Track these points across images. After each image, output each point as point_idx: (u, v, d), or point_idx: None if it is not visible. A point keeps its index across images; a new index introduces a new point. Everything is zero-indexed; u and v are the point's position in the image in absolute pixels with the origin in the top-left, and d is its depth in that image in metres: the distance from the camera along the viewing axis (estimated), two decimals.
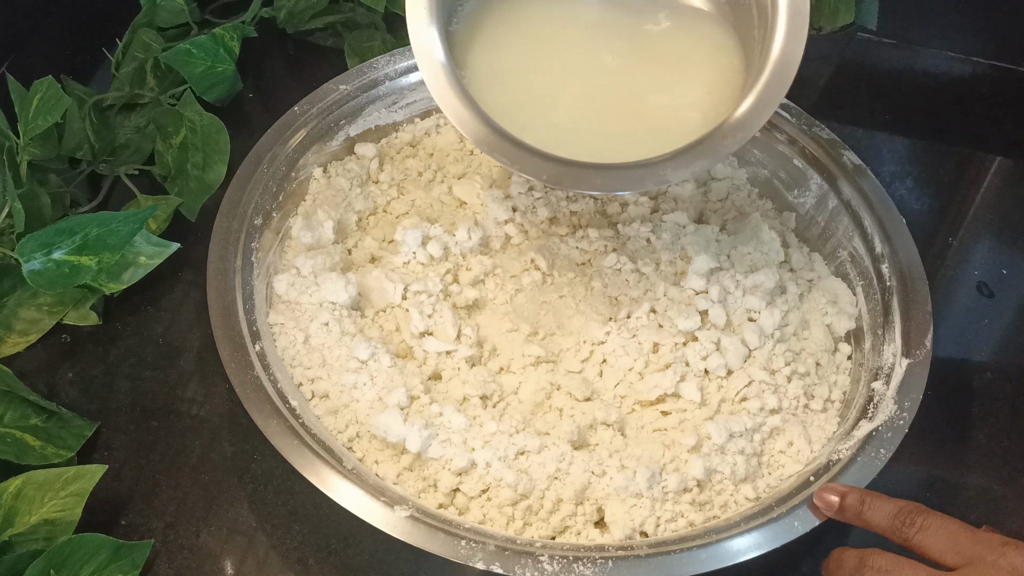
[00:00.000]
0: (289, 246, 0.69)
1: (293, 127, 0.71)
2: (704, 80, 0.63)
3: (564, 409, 0.64)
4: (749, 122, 0.58)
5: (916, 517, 0.49)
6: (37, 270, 0.59)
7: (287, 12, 0.85)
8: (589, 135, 0.61)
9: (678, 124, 0.61)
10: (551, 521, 0.58)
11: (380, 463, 0.60)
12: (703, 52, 0.64)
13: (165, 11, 0.83)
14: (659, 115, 0.62)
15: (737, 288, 0.68)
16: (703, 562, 0.54)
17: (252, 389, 0.59)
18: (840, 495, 0.53)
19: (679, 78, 0.63)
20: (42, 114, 0.67)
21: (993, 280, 0.77)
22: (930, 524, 0.49)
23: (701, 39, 0.64)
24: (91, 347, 0.68)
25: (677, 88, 0.63)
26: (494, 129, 0.58)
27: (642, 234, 0.72)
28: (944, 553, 0.48)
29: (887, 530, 0.50)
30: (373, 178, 0.75)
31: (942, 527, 0.49)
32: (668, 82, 0.63)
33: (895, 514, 0.50)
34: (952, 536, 0.48)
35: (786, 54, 0.59)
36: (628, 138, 0.61)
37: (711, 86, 0.62)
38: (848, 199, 0.71)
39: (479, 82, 0.61)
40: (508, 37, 0.64)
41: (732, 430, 0.61)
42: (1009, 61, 0.92)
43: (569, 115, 0.62)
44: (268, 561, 0.60)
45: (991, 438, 0.69)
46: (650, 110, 0.62)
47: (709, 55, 0.63)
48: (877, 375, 0.64)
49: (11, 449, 0.60)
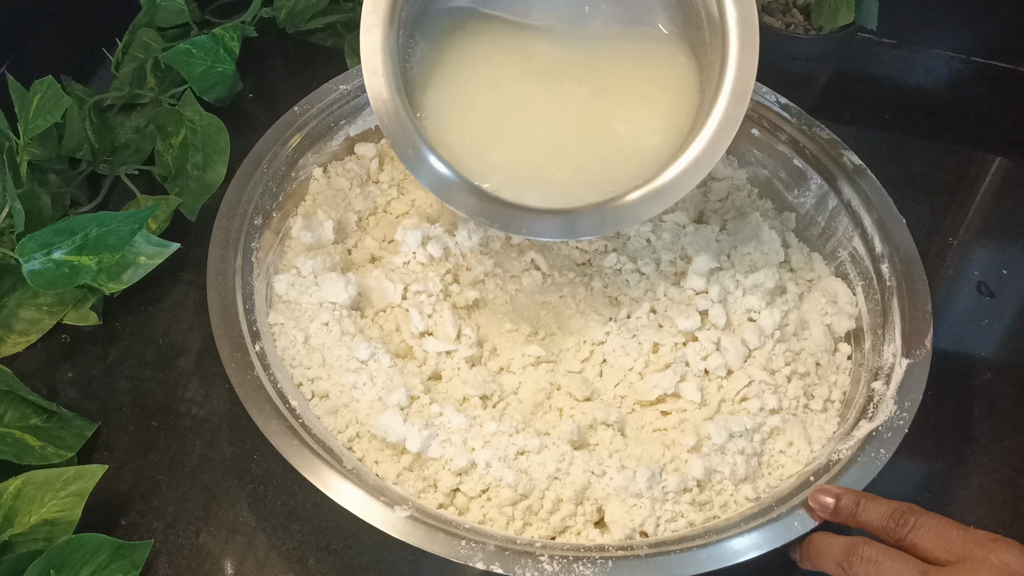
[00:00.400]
0: (289, 246, 0.69)
1: (293, 127, 0.71)
2: (664, 106, 0.63)
3: (564, 409, 0.64)
4: (715, 145, 0.59)
5: (909, 517, 0.50)
6: (37, 270, 0.59)
7: (287, 12, 0.85)
8: (552, 170, 0.62)
9: (640, 152, 0.62)
10: (551, 521, 0.58)
11: (380, 463, 0.60)
12: (661, 77, 0.64)
13: (165, 11, 0.83)
14: (622, 144, 0.62)
15: (737, 288, 0.68)
16: (703, 562, 0.54)
17: (252, 389, 0.59)
18: (835, 497, 0.54)
19: (639, 106, 0.63)
20: (42, 114, 0.67)
21: (993, 280, 0.77)
22: (922, 523, 0.49)
23: (659, 64, 0.64)
24: (91, 347, 0.68)
25: (638, 117, 0.63)
26: (446, 177, 0.59)
27: (642, 234, 0.72)
28: (935, 550, 0.48)
29: (881, 530, 0.51)
30: (373, 178, 0.75)
31: (934, 525, 0.49)
32: (628, 111, 0.63)
33: (889, 515, 0.51)
34: (943, 534, 0.49)
35: (742, 68, 0.59)
36: (593, 169, 0.62)
37: (671, 110, 0.63)
38: (848, 199, 0.71)
39: (436, 124, 0.62)
40: (463, 77, 0.64)
41: (732, 430, 0.61)
42: (1009, 61, 0.92)
43: (530, 151, 0.62)
44: (268, 561, 0.60)
45: (991, 438, 0.69)
46: (613, 140, 0.63)
47: (667, 79, 0.64)
48: (877, 375, 0.64)
49: (11, 449, 0.60)
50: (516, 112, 0.63)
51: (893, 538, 0.50)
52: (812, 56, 0.86)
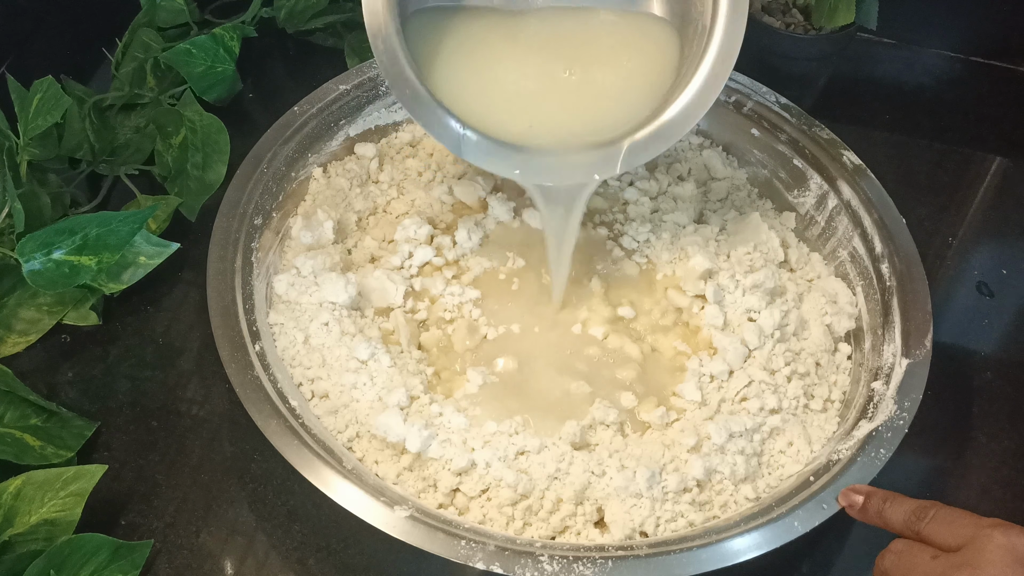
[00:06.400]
0: (289, 246, 0.69)
1: (293, 127, 0.71)
2: (643, 58, 0.65)
3: (564, 406, 0.64)
4: (702, 99, 0.60)
5: (928, 511, 0.51)
6: (37, 270, 0.59)
7: (287, 12, 0.85)
8: (567, 123, 0.63)
9: (633, 103, 0.63)
10: (551, 521, 0.58)
11: (380, 463, 0.60)
12: (641, 37, 0.66)
13: (165, 11, 0.83)
14: (609, 95, 0.63)
15: (737, 288, 0.68)
16: (703, 562, 0.54)
17: (252, 389, 0.59)
18: (865, 495, 0.55)
19: (622, 57, 0.65)
20: (42, 114, 0.67)
21: (993, 280, 0.77)
22: (936, 515, 0.51)
23: (640, 28, 0.66)
24: (91, 347, 0.68)
25: (621, 66, 0.64)
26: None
27: (642, 234, 0.72)
28: (947, 538, 0.50)
29: (901, 526, 0.52)
30: (373, 178, 0.75)
31: (946, 516, 0.51)
32: (612, 62, 0.64)
33: (911, 511, 0.52)
34: (953, 521, 0.50)
35: (728, 35, 0.60)
36: (587, 121, 0.63)
37: (651, 64, 0.64)
38: (848, 199, 0.71)
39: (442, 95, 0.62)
40: (463, 59, 0.64)
41: (732, 430, 0.61)
42: (1009, 61, 0.92)
43: (538, 112, 0.63)
44: (268, 561, 0.60)
45: (991, 438, 0.69)
46: (602, 91, 0.64)
47: (647, 38, 0.65)
48: (877, 375, 0.64)
49: (11, 449, 0.60)
50: (519, 81, 0.64)
51: (912, 532, 0.52)
52: (812, 56, 0.86)
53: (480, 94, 0.63)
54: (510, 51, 0.64)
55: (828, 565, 0.63)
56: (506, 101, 0.63)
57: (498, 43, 0.65)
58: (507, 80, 0.64)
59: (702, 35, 0.60)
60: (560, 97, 0.63)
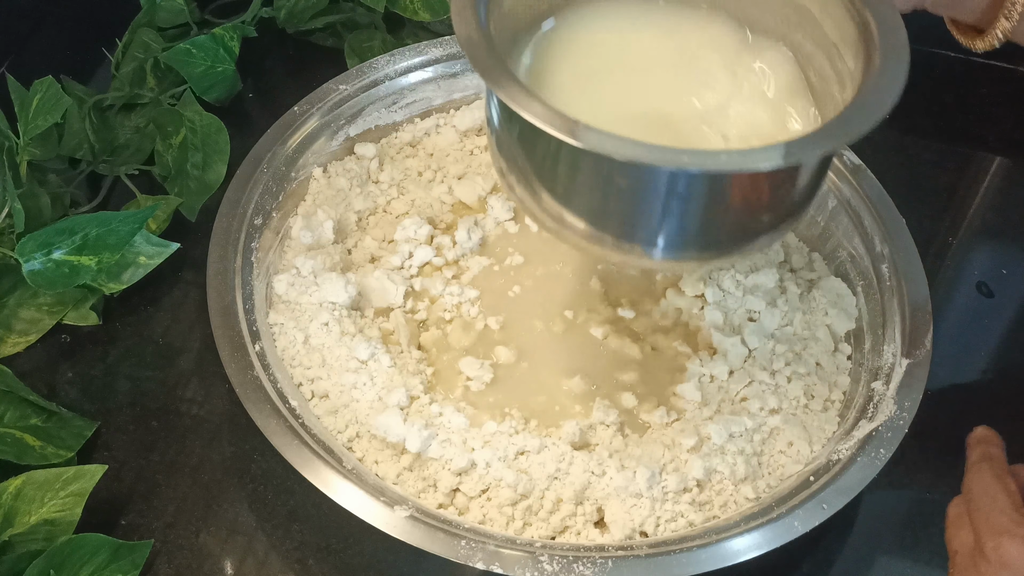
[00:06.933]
0: (289, 246, 0.69)
1: (293, 127, 0.71)
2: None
3: (564, 406, 0.64)
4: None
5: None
6: (37, 270, 0.59)
7: (287, 12, 0.85)
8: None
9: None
10: (551, 521, 0.58)
11: (380, 463, 0.60)
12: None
13: (165, 11, 0.83)
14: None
15: (737, 288, 0.68)
16: (703, 562, 0.54)
17: (252, 389, 0.59)
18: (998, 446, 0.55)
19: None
20: (42, 114, 0.67)
21: (993, 280, 0.77)
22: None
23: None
24: (91, 347, 0.68)
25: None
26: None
27: None
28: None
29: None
30: (373, 178, 0.75)
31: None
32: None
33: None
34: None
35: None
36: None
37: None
38: (848, 199, 0.71)
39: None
40: (577, 67, 0.57)
41: (732, 430, 0.61)
42: (1009, 61, 0.92)
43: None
44: (268, 561, 0.60)
45: None
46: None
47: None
48: (877, 375, 0.64)
49: (11, 449, 0.60)
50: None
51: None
52: None
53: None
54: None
55: (828, 565, 0.62)
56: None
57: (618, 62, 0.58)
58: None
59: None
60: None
